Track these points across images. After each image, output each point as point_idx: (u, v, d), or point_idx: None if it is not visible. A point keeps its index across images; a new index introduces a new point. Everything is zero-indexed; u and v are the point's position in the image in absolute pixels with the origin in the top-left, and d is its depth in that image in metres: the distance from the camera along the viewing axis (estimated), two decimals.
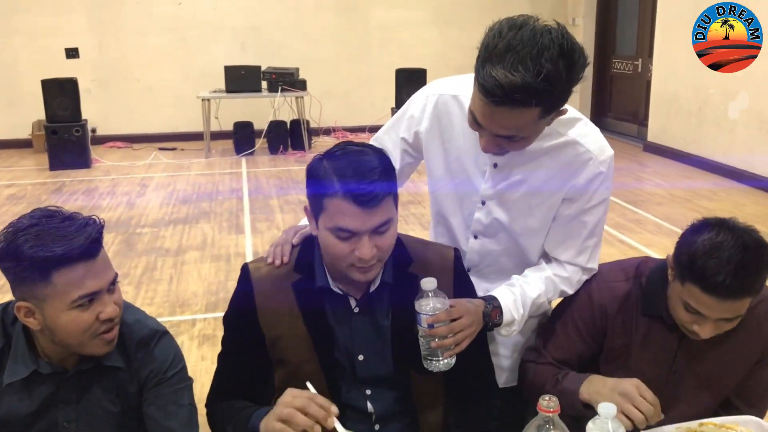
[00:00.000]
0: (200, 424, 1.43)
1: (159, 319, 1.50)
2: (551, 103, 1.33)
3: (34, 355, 1.37)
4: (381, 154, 1.37)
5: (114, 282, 1.36)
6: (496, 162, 1.60)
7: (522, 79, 1.23)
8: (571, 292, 1.67)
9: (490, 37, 1.29)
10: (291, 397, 1.28)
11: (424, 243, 1.59)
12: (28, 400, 1.38)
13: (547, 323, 1.74)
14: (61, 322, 1.30)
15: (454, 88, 1.64)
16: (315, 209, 1.38)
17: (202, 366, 2.99)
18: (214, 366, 1.56)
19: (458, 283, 1.53)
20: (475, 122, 1.41)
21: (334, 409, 1.26)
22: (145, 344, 1.43)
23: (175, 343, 1.49)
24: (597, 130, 1.61)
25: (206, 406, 1.55)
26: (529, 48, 1.24)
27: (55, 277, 1.26)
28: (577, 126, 1.57)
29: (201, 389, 1.56)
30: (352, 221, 1.31)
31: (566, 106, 1.58)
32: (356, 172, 1.30)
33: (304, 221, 1.55)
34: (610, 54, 9.21)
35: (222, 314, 1.61)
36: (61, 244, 1.25)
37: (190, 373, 1.50)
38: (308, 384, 1.33)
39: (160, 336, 1.45)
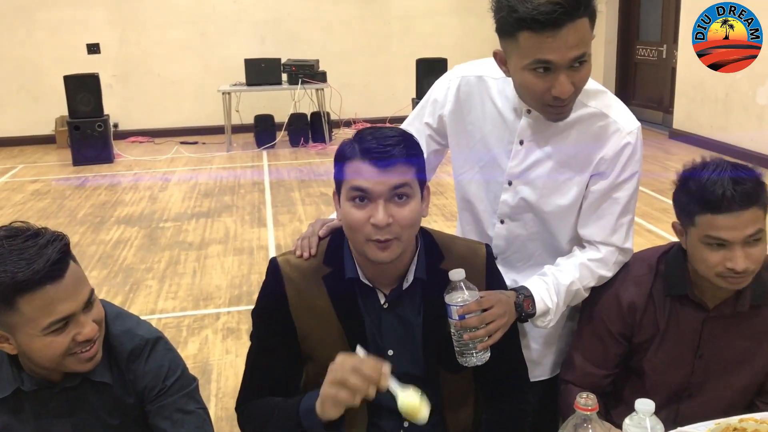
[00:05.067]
0: (224, 418, 1.39)
1: (183, 314, 1.47)
2: (593, 10, 1.36)
3: (18, 371, 1.32)
4: (406, 132, 1.39)
5: (90, 299, 1.28)
6: (522, 139, 1.58)
7: None
8: (609, 275, 1.62)
9: None
10: (342, 359, 1.24)
11: (454, 239, 1.56)
12: (19, 416, 1.33)
13: (578, 332, 1.70)
14: (36, 348, 1.23)
15: (477, 69, 1.63)
16: (338, 184, 1.38)
17: (226, 360, 2.96)
18: (239, 359, 1.52)
19: (490, 280, 1.50)
20: (543, 68, 1.38)
21: (386, 368, 1.23)
22: (137, 356, 1.37)
23: (171, 348, 1.44)
24: (621, 102, 1.59)
25: (237, 408, 1.50)
26: None
27: (21, 304, 1.19)
28: (600, 97, 1.56)
29: (225, 383, 1.54)
30: (366, 180, 1.31)
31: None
32: (374, 136, 1.34)
33: (332, 215, 1.52)
34: (634, 40, 9.06)
35: (246, 307, 1.58)
36: (21, 267, 1.17)
37: (214, 367, 1.47)
38: (359, 347, 1.28)
39: (152, 345, 1.39)
